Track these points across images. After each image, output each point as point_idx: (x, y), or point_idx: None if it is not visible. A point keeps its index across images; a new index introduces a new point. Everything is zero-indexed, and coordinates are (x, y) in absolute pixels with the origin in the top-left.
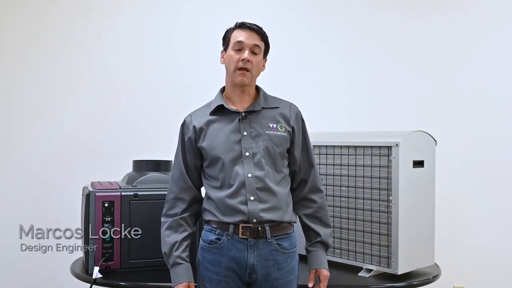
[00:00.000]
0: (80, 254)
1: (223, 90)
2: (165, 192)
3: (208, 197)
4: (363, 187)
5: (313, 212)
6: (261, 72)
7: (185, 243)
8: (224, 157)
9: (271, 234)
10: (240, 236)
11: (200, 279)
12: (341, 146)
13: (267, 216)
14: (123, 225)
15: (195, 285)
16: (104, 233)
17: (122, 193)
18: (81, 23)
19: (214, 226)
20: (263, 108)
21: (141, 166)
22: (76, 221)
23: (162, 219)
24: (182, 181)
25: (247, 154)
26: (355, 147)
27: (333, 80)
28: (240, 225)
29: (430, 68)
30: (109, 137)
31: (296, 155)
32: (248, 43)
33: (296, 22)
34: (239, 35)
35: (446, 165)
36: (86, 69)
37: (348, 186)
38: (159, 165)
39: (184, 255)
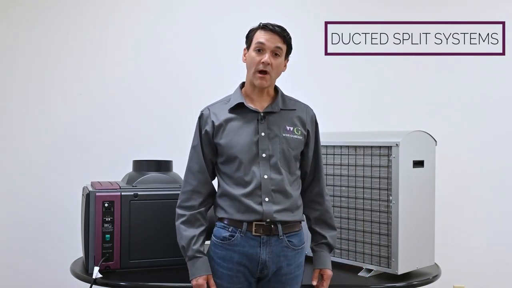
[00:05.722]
0: (80, 254)
1: (242, 85)
2: (165, 192)
3: (222, 193)
4: (363, 187)
5: (319, 215)
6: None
7: (202, 237)
8: (242, 157)
9: (282, 232)
10: (253, 233)
11: (211, 274)
12: (341, 146)
13: (280, 217)
14: (123, 225)
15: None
16: (104, 233)
17: (122, 193)
18: (81, 22)
19: (226, 223)
20: (281, 109)
21: (141, 166)
22: (76, 221)
23: (178, 211)
24: (202, 174)
25: (263, 155)
26: (355, 147)
27: (332, 80)
28: (254, 223)
29: (431, 68)
30: (109, 137)
31: (310, 157)
32: (270, 46)
33: (296, 21)
34: (261, 37)
35: (446, 165)
36: (85, 69)
37: (348, 186)
38: (159, 165)
39: (202, 248)
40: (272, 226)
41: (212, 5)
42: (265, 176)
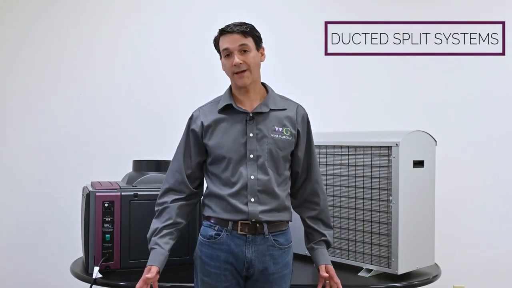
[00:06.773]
0: (80, 254)
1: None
2: None
3: (209, 193)
4: (363, 187)
5: (317, 215)
6: (264, 62)
7: (166, 231)
8: (230, 157)
9: (268, 231)
10: (239, 232)
11: (199, 273)
12: (341, 146)
13: (265, 217)
14: (123, 225)
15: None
16: (104, 233)
17: (122, 193)
18: (80, 21)
19: (213, 222)
20: (271, 109)
21: (141, 166)
22: (76, 221)
23: (155, 208)
24: (179, 174)
25: (251, 156)
26: (355, 147)
27: (333, 80)
28: (239, 222)
29: (431, 68)
30: (109, 137)
31: (300, 156)
32: (234, 47)
33: (296, 21)
34: (223, 43)
35: (446, 165)
36: (85, 69)
37: (348, 186)
38: (159, 165)
39: (161, 241)
40: (258, 225)
41: (211, 6)
42: (252, 177)
